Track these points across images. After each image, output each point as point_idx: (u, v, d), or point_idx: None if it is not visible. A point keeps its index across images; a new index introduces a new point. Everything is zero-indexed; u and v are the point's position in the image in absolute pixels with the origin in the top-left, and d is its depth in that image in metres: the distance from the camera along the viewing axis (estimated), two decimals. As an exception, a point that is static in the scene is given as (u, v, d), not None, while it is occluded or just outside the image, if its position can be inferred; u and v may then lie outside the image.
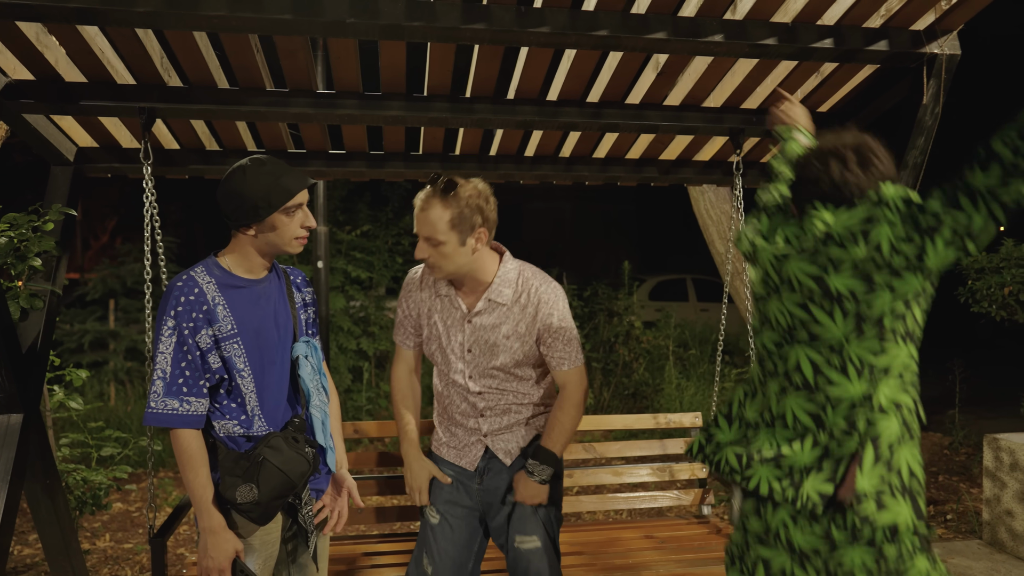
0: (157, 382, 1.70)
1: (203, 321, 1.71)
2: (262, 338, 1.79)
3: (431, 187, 1.92)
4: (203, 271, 1.76)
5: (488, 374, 2.04)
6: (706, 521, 2.91)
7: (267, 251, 1.81)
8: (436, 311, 2.06)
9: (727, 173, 3.12)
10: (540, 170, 3.00)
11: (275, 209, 1.75)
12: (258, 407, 1.79)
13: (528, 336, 2.02)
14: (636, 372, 6.69)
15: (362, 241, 6.83)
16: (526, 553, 2.04)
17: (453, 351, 2.05)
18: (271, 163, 1.77)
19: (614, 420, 3.01)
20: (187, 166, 2.80)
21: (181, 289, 1.71)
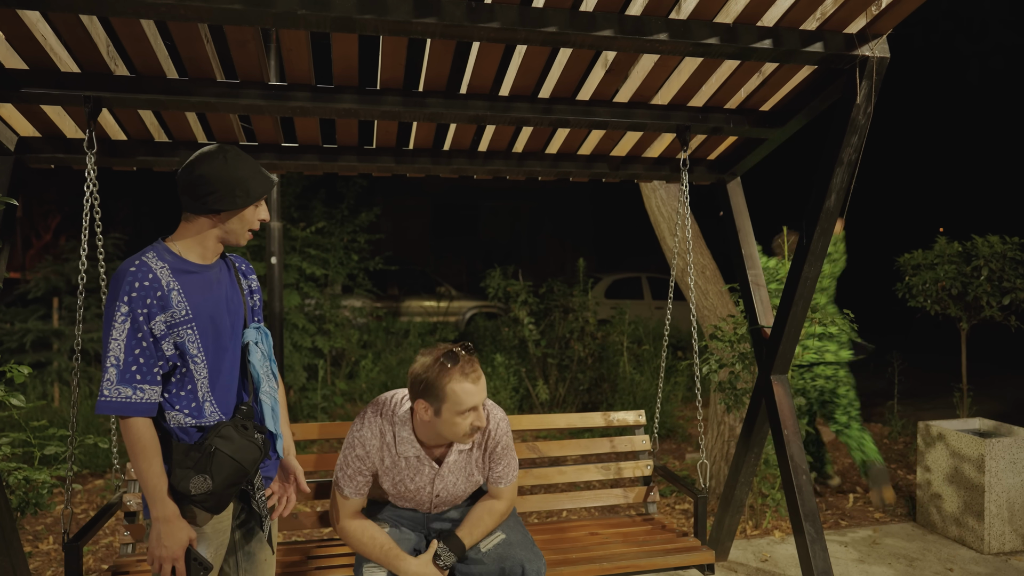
0: (110, 369, 1.66)
1: (157, 307, 1.69)
2: (216, 324, 1.79)
3: (464, 358, 2.02)
4: (155, 256, 1.74)
5: (452, 504, 2.23)
6: (651, 518, 2.98)
7: (224, 239, 1.83)
8: (401, 470, 2.13)
9: (675, 169, 3.22)
10: (493, 165, 3.05)
11: (253, 199, 1.79)
12: (209, 393, 1.78)
13: (484, 460, 2.21)
14: (591, 368, 6.79)
15: (317, 238, 6.78)
16: (495, 547, 2.14)
17: (419, 500, 2.19)
18: (246, 154, 1.82)
19: (561, 419, 3.05)
20: (135, 158, 2.76)
21: (135, 275, 1.69)
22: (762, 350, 3.00)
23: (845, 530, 3.79)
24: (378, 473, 2.17)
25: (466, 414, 2.01)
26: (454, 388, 1.98)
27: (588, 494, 3.00)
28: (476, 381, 2.00)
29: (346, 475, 2.15)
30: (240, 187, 1.78)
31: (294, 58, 2.26)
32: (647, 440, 3.08)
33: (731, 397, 3.51)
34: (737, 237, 3.15)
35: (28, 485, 3.06)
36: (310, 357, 6.55)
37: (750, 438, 3.05)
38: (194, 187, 1.75)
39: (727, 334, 3.44)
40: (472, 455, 2.19)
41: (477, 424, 2.02)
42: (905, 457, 5.28)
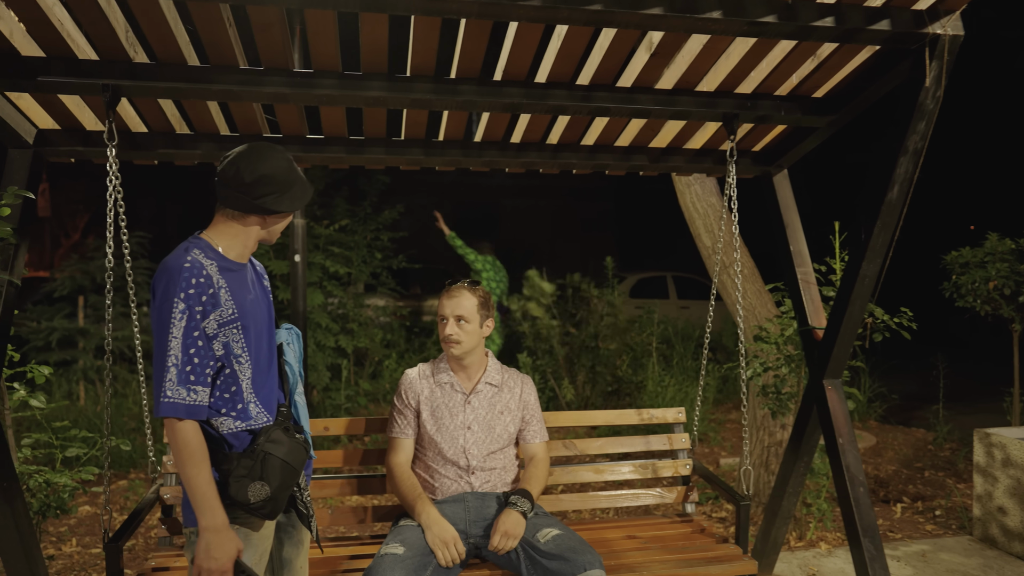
0: (171, 369, 1.61)
1: (210, 305, 1.66)
2: (256, 324, 1.77)
3: (460, 284, 2.45)
4: (201, 253, 1.69)
5: (485, 447, 2.39)
6: (690, 520, 2.83)
7: (264, 239, 1.82)
8: (437, 398, 2.44)
9: (718, 161, 3.05)
10: (526, 157, 2.90)
11: (302, 203, 1.79)
12: (254, 395, 1.75)
13: (516, 411, 2.49)
14: (619, 368, 6.61)
15: (340, 236, 6.68)
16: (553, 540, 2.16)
17: (453, 430, 2.39)
18: (299, 170, 1.82)
19: (596, 416, 2.92)
20: (155, 150, 2.66)
21: (190, 271, 1.64)
22: (813, 353, 2.82)
23: (896, 543, 3.59)
24: (420, 411, 2.43)
25: (441, 322, 2.43)
26: (439, 300, 2.46)
27: (624, 494, 2.87)
28: (450, 297, 2.42)
29: (392, 416, 2.48)
30: (295, 188, 1.76)
31: (320, 43, 2.13)
32: (687, 438, 2.93)
33: (775, 402, 3.34)
34: (785, 233, 2.97)
35: (49, 488, 2.99)
36: (333, 357, 6.46)
37: (800, 446, 2.88)
38: (253, 186, 1.69)
39: (773, 335, 3.27)
40: (501, 395, 2.48)
41: (444, 331, 2.40)
42: (953, 464, 5.04)
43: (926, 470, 4.94)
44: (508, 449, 2.48)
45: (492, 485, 2.40)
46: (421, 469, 2.44)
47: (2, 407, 2.93)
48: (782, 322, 3.32)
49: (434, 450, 2.41)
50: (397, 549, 2.13)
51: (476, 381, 2.48)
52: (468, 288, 2.46)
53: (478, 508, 2.34)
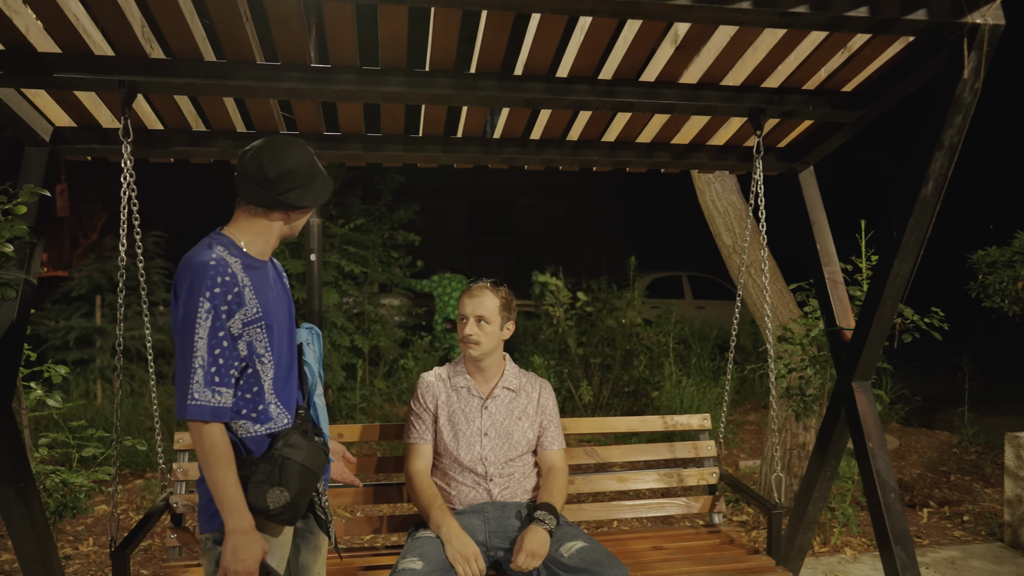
0: (198, 370, 1.57)
1: (235, 304, 1.62)
2: (279, 323, 1.73)
3: (483, 284, 2.39)
4: (224, 250, 1.65)
5: (503, 454, 2.34)
6: (717, 530, 2.75)
7: (287, 235, 1.78)
8: (453, 403, 2.38)
9: (742, 158, 2.98)
10: (546, 154, 2.85)
11: (325, 198, 1.76)
12: (274, 396, 1.71)
13: (534, 416, 2.43)
14: (636, 369, 6.55)
15: (355, 235, 6.66)
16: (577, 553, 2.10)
17: (470, 436, 2.34)
18: (320, 167, 1.79)
19: (618, 423, 2.86)
20: (172, 148, 2.63)
21: (216, 269, 1.60)
22: (841, 354, 2.74)
23: (924, 550, 3.50)
24: (438, 415, 2.38)
25: (461, 321, 2.37)
26: (459, 301, 2.40)
27: (648, 503, 2.81)
28: (471, 297, 2.36)
29: (409, 421, 2.43)
30: (318, 183, 1.74)
31: (338, 37, 2.09)
32: (713, 446, 2.86)
33: (799, 404, 3.26)
34: (811, 231, 2.90)
35: (65, 488, 2.97)
36: (348, 356, 6.44)
37: (826, 450, 2.80)
38: (277, 181, 1.66)
39: (797, 336, 3.19)
40: (519, 399, 2.41)
41: (464, 331, 2.34)
42: (979, 468, 4.93)
43: (952, 474, 4.84)
44: (527, 456, 2.42)
45: (512, 493, 2.35)
46: (438, 477, 2.39)
47: (19, 407, 2.92)
48: (807, 323, 3.24)
49: (450, 457, 2.35)
50: (415, 564, 2.06)
51: (493, 385, 2.42)
52: (491, 288, 2.38)
53: (498, 519, 2.27)
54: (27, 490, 2.36)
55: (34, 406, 2.87)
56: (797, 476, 4.07)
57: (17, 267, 2.36)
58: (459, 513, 2.30)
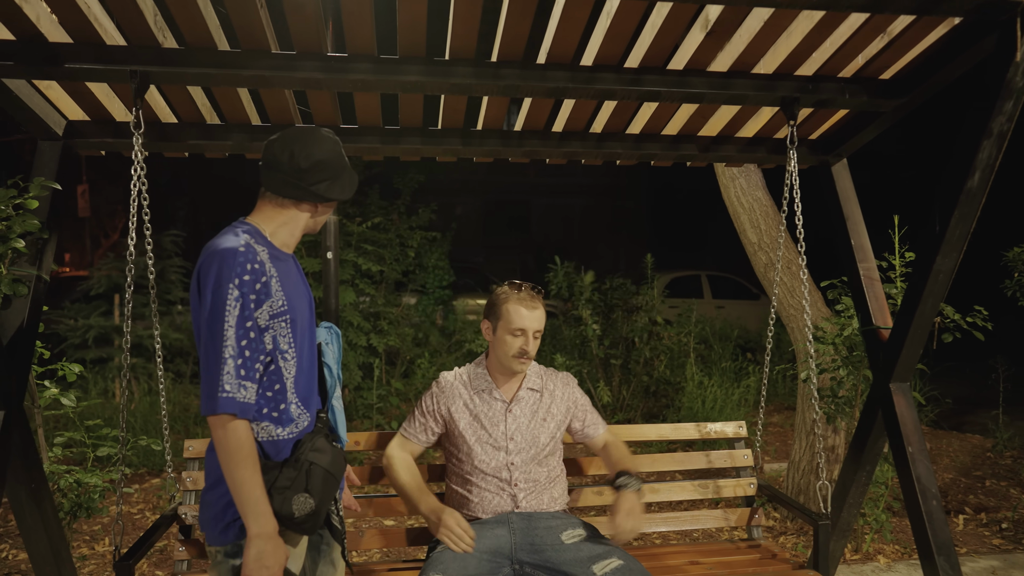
0: (228, 361, 1.48)
1: (263, 295, 1.55)
2: (302, 318, 1.66)
3: (527, 289, 2.24)
4: (252, 238, 1.58)
5: (529, 457, 2.23)
6: (757, 544, 2.63)
7: (311, 228, 1.73)
8: (476, 406, 2.27)
9: (772, 151, 2.87)
10: (569, 147, 2.76)
11: (353, 191, 1.72)
12: (295, 395, 1.63)
13: (561, 417, 2.33)
14: (656, 370, 6.43)
15: (373, 233, 6.60)
16: (613, 572, 1.98)
17: (495, 441, 2.23)
18: (347, 159, 1.75)
19: (649, 430, 2.74)
20: (186, 141, 2.57)
21: (245, 255, 1.52)
22: (878, 354, 2.63)
23: (963, 558, 3.36)
24: (455, 420, 2.25)
25: (516, 335, 2.19)
26: (509, 308, 2.20)
27: (684, 515, 2.68)
28: (531, 309, 2.19)
29: (414, 415, 2.33)
30: (346, 175, 1.70)
31: (355, 24, 2.02)
32: (749, 455, 2.74)
33: (831, 405, 3.14)
34: (845, 226, 2.78)
35: (80, 488, 2.93)
36: (365, 356, 6.39)
37: (862, 455, 2.68)
38: (307, 172, 1.62)
39: (829, 335, 3.07)
40: (543, 400, 2.31)
41: (524, 347, 2.18)
42: (1016, 473, 4.76)
43: (987, 479, 4.67)
44: (551, 459, 2.32)
45: (537, 500, 2.24)
46: (458, 484, 2.28)
47: (32, 405, 2.88)
48: (839, 321, 3.12)
49: (471, 464, 2.24)
50: None
51: (517, 387, 2.32)
52: (539, 296, 2.26)
53: (524, 531, 2.16)
54: (39, 490, 2.31)
55: (48, 404, 2.83)
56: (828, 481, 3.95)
57: (30, 263, 2.31)
58: (483, 523, 2.19)
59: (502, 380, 2.31)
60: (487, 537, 2.14)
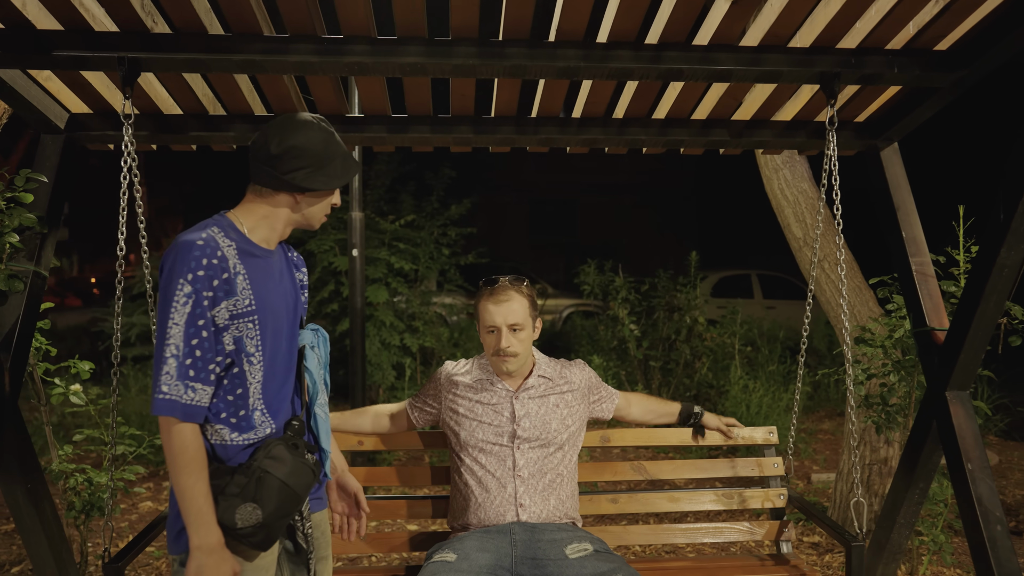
0: (170, 360, 1.41)
1: (223, 292, 1.47)
2: (276, 320, 1.57)
3: (503, 282, 2.14)
4: (220, 232, 1.51)
5: (537, 443, 2.13)
6: (786, 561, 2.41)
7: (299, 223, 1.63)
8: (478, 394, 2.19)
9: (812, 135, 2.62)
10: (589, 134, 2.57)
11: (344, 180, 1.61)
12: (261, 401, 1.54)
13: (577, 405, 2.23)
14: (698, 372, 6.15)
15: (406, 231, 6.51)
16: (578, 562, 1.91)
17: (498, 426, 2.14)
18: (342, 145, 1.63)
19: (670, 435, 2.55)
20: (188, 133, 2.50)
21: (202, 249, 1.45)
22: (932, 358, 2.36)
23: (1032, 586, 3.03)
24: (454, 410, 2.20)
25: (490, 333, 2.12)
26: (480, 307, 2.15)
27: (704, 527, 2.49)
28: (498, 303, 2.10)
29: (417, 396, 2.34)
30: (333, 165, 1.57)
31: (349, 4, 1.89)
32: (780, 463, 2.52)
33: (881, 414, 2.87)
34: (895, 217, 2.52)
35: (92, 488, 2.90)
36: (399, 355, 6.31)
37: (914, 470, 2.42)
38: (281, 159, 1.52)
39: (878, 337, 2.80)
40: (555, 386, 2.22)
41: (498, 345, 2.09)
42: (1093, 491, 4.33)
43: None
44: (560, 453, 2.17)
45: (543, 501, 2.09)
46: (460, 482, 2.18)
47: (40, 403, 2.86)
48: (889, 322, 2.84)
49: (472, 455, 2.15)
50: None
51: (526, 376, 2.22)
52: (514, 287, 2.14)
53: (526, 543, 2.01)
54: (36, 490, 2.26)
55: (60, 402, 2.80)
56: (878, 495, 3.65)
57: (27, 258, 2.26)
58: (484, 533, 2.05)
59: (506, 376, 2.22)
60: (487, 550, 2.00)
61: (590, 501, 2.42)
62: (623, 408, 2.40)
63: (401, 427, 2.38)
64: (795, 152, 4.12)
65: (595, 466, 2.50)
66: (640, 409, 2.44)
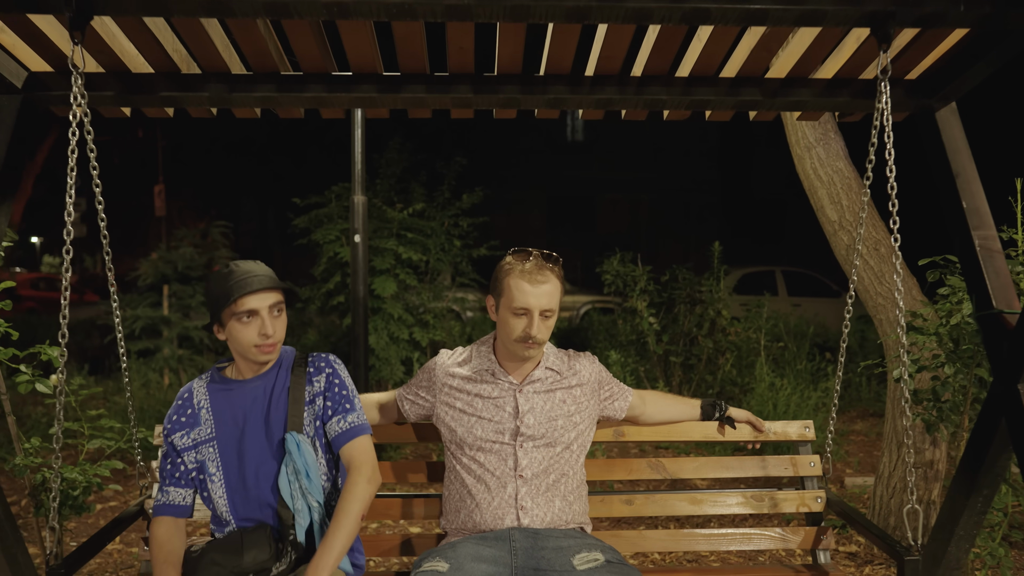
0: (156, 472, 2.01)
1: (184, 424, 1.84)
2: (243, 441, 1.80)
3: (536, 258, 1.90)
4: (203, 377, 1.92)
5: (541, 442, 1.92)
6: (824, 574, 2.12)
7: (241, 354, 1.82)
8: (476, 387, 1.97)
9: (857, 94, 2.31)
10: (603, 94, 2.29)
11: (222, 315, 1.78)
12: (230, 514, 1.80)
13: (586, 401, 2.02)
14: (722, 369, 5.84)
15: (415, 221, 6.26)
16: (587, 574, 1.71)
17: (499, 423, 1.93)
18: (240, 268, 1.80)
19: (692, 428, 2.28)
20: (159, 93, 2.26)
21: (180, 394, 1.90)
22: (1000, 346, 2.05)
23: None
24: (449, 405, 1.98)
25: (519, 316, 1.87)
26: (510, 283, 1.88)
27: (732, 534, 2.22)
28: (536, 284, 1.85)
29: (408, 386, 2.13)
30: (215, 303, 1.79)
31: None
32: (817, 462, 2.23)
33: (932, 411, 2.55)
34: (955, 186, 2.21)
35: (65, 484, 2.68)
36: (408, 350, 6.07)
37: (976, 475, 2.11)
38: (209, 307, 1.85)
39: (932, 323, 2.49)
40: (563, 379, 2.01)
41: (528, 331, 1.85)
42: None
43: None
44: (567, 453, 1.93)
45: (547, 504, 1.85)
46: (461, 473, 1.93)
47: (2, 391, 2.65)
48: (943, 307, 2.53)
49: (470, 454, 1.92)
50: None
51: (532, 368, 2.01)
52: (550, 267, 1.91)
53: (528, 551, 1.77)
54: (-15, 489, 2.03)
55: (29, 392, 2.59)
56: (922, 502, 3.33)
57: (-26, 231, 2.04)
58: (480, 540, 1.82)
59: (512, 366, 2.00)
60: (483, 559, 1.76)
61: (601, 503, 2.17)
62: (637, 407, 2.19)
63: (391, 418, 2.16)
64: (829, 129, 3.82)
65: (607, 463, 2.24)
66: (656, 408, 2.22)
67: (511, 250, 1.97)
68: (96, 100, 2.28)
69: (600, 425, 2.17)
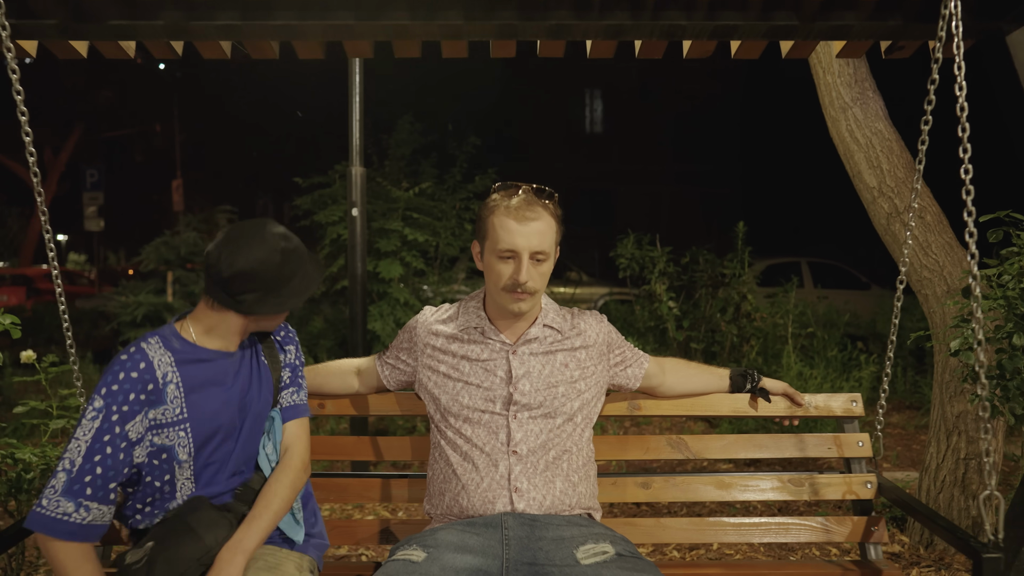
0: (60, 475, 1.39)
1: (141, 405, 1.46)
2: (216, 423, 1.56)
3: (526, 192, 1.67)
4: (158, 342, 1.53)
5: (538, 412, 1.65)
6: (877, 571, 1.81)
7: (256, 330, 1.64)
8: (464, 348, 1.71)
9: (912, 17, 1.98)
10: (612, 18, 1.98)
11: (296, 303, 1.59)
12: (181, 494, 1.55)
13: (592, 364, 1.75)
14: (746, 356, 5.50)
15: (422, 201, 5.99)
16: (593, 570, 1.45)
17: (490, 388, 1.67)
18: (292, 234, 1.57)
19: (719, 402, 1.98)
20: (107, 22, 1.99)
21: (123, 364, 1.47)
22: (1091, 305, 1.71)
23: None
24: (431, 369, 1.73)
25: (506, 260, 1.62)
26: (495, 222, 1.63)
27: (766, 523, 1.92)
28: (524, 221, 1.60)
29: (390, 351, 1.88)
30: (289, 285, 1.55)
31: None
32: (866, 441, 1.92)
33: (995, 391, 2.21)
34: (1029, 119, 1.87)
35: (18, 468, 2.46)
36: (415, 336, 5.80)
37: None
38: (230, 282, 1.49)
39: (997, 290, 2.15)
40: (564, 340, 1.74)
41: (516, 277, 1.60)
42: None
43: None
44: (570, 426, 1.66)
45: (547, 485, 1.58)
46: (446, 450, 1.67)
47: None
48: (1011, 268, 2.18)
49: (455, 427, 1.66)
50: None
51: (527, 326, 1.74)
52: (542, 202, 1.66)
53: (522, 541, 1.50)
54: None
55: None
56: (976, 497, 2.99)
57: None
58: (468, 526, 1.55)
59: (504, 323, 1.73)
60: (468, 550, 1.50)
61: (613, 485, 1.89)
62: (655, 376, 1.91)
63: (371, 387, 1.92)
64: (867, 88, 3.48)
65: (620, 440, 1.96)
66: (678, 378, 1.94)
67: (495, 184, 1.72)
68: (33, 31, 2.02)
69: (612, 397, 1.88)
